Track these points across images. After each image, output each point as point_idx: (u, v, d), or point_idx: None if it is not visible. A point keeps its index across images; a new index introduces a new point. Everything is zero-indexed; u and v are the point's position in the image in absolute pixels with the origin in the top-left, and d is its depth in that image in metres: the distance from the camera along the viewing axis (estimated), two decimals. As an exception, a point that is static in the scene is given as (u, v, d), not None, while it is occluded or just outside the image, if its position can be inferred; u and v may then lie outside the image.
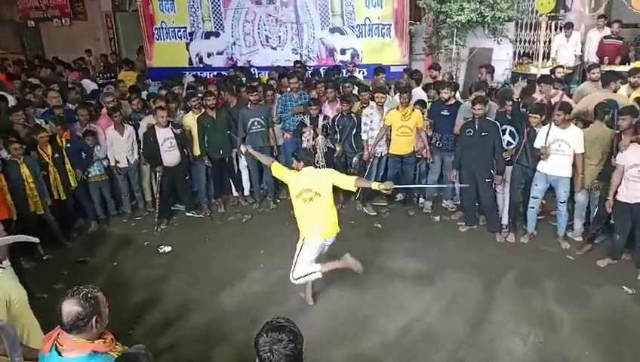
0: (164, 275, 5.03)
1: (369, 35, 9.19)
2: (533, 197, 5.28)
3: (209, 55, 10.07)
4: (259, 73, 9.39)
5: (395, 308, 4.31)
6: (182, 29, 10.04)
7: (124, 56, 11.83)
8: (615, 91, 5.66)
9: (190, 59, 10.17)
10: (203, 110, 6.26)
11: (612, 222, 4.84)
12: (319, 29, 9.36)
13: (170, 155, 5.97)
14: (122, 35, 12.73)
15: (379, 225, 6.01)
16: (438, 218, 6.10)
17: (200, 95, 6.45)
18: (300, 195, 4.05)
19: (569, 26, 8.30)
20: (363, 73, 8.83)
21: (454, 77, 8.79)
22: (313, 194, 4.01)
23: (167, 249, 5.58)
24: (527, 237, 5.42)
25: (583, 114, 5.48)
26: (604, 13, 8.78)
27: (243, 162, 6.67)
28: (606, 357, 3.62)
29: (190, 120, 6.30)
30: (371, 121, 6.01)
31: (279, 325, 1.82)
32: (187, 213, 6.49)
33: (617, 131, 4.79)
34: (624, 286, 4.49)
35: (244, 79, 7.93)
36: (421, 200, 6.49)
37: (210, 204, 6.69)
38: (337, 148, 6.27)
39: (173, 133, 5.95)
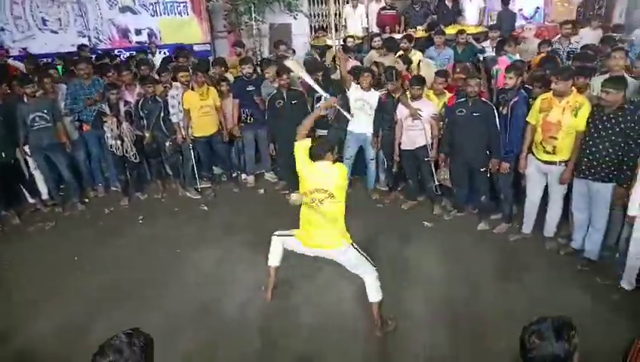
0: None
1: (164, 14, 8.73)
2: (346, 158, 5.68)
3: (-31, 44, 8.35)
4: (51, 60, 8.08)
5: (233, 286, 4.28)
6: None
7: None
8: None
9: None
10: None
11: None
12: (107, 9, 8.52)
13: None
14: None
15: (205, 208, 5.86)
16: (262, 190, 6.24)
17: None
18: (310, 195, 3.32)
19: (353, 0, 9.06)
20: (165, 53, 8.35)
21: (258, 52, 8.94)
22: (326, 196, 3.28)
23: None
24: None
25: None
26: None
27: (33, 163, 5.78)
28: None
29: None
30: (179, 103, 5.74)
31: (115, 345, 1.64)
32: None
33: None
34: (424, 222, 5.22)
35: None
36: (243, 175, 6.53)
37: (0, 216, 5.66)
38: (146, 135, 5.86)
39: None
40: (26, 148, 5.62)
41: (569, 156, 4.15)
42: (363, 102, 5.43)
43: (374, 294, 3.48)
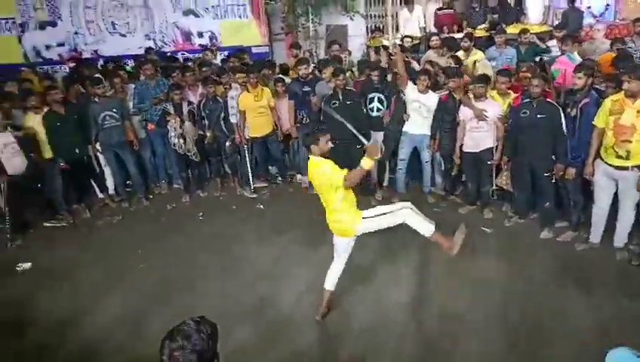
0: (28, 295, 4.43)
1: (225, 17, 8.98)
2: (400, 160, 5.66)
3: (48, 47, 8.98)
4: (123, 63, 8.55)
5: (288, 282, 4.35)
6: (9, 20, 8.79)
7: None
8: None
9: (25, 53, 8.97)
10: (47, 107, 5.57)
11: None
12: (171, 12, 8.89)
13: (14, 162, 5.26)
14: None
15: (261, 206, 5.98)
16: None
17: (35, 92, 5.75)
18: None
19: (410, 1, 8.97)
20: (225, 56, 8.59)
21: (315, 54, 9.02)
22: (318, 191, 3.56)
23: (27, 265, 4.93)
24: (397, 198, 5.82)
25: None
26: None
27: (103, 159, 6.13)
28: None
29: (32, 120, 5.57)
30: (237, 103, 5.90)
31: (185, 331, 1.67)
32: (45, 224, 5.80)
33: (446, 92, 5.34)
34: (483, 227, 5.06)
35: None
36: (298, 176, 6.61)
37: (72, 210, 6.03)
38: (208, 134, 6.07)
39: (14, 137, 5.25)
40: (97, 146, 5.96)
41: (642, 160, 3.90)
42: (419, 104, 5.35)
43: (331, 282, 3.73)
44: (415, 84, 5.34)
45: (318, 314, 3.77)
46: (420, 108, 5.36)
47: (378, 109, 5.67)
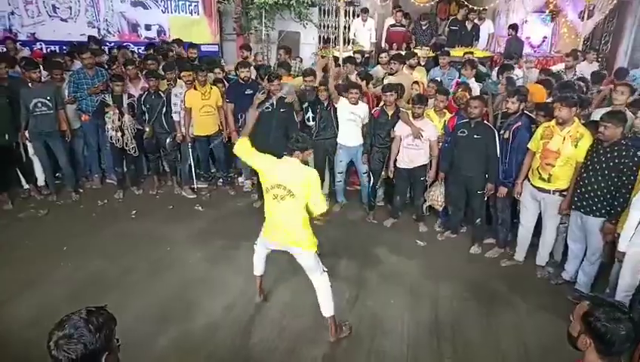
0: None
1: (175, 12, 8.77)
2: (338, 173, 5.73)
3: (-22, 25, 8.34)
4: (47, 48, 8.16)
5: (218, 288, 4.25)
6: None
7: None
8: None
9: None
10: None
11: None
12: (119, 1, 8.54)
13: None
14: None
15: (200, 208, 5.83)
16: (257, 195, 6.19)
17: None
18: (271, 190, 3.34)
19: (365, 11, 9.12)
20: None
21: (265, 58, 8.98)
22: (286, 193, 3.28)
23: None
24: (338, 207, 5.88)
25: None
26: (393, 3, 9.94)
27: (31, 148, 5.76)
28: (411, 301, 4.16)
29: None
30: (181, 101, 5.73)
31: (72, 320, 1.63)
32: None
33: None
34: (417, 240, 5.19)
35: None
36: (240, 179, 6.51)
37: (-8, 200, 5.62)
38: (147, 129, 5.85)
39: None
40: (26, 134, 5.60)
41: (564, 186, 4.16)
42: (354, 116, 5.42)
43: (327, 308, 3.51)
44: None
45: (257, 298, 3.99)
46: (356, 120, 5.44)
47: (313, 119, 5.69)
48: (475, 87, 6.00)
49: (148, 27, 8.78)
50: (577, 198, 4.02)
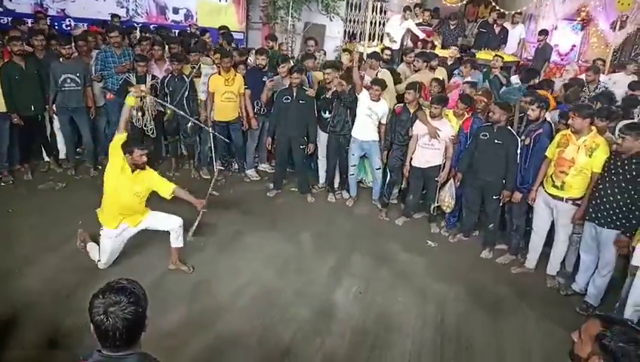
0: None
1: (204, -4, 8.80)
2: (351, 165, 5.72)
3: (10, -1, 8.47)
4: (75, 25, 8.24)
5: (228, 272, 4.30)
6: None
7: None
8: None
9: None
10: (6, 59, 5.28)
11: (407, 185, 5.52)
12: (149, -18, 8.61)
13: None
14: None
15: (215, 193, 5.87)
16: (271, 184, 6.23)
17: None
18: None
19: (406, 9, 8.90)
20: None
21: (290, 48, 8.98)
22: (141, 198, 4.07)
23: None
24: (352, 201, 5.90)
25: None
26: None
27: (57, 123, 5.88)
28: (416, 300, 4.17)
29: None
30: (204, 84, 5.80)
31: (119, 286, 1.65)
32: (-19, 181, 5.51)
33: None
34: (428, 241, 5.18)
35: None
36: (248, 172, 6.53)
37: (13, 170, 5.75)
38: (168, 112, 5.92)
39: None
40: (54, 107, 5.70)
41: (577, 195, 4.13)
42: (371, 112, 5.42)
43: (178, 241, 4.20)
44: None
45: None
46: (372, 116, 5.43)
47: (329, 111, 5.69)
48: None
49: (176, 10, 8.84)
50: (592, 209, 3.98)
